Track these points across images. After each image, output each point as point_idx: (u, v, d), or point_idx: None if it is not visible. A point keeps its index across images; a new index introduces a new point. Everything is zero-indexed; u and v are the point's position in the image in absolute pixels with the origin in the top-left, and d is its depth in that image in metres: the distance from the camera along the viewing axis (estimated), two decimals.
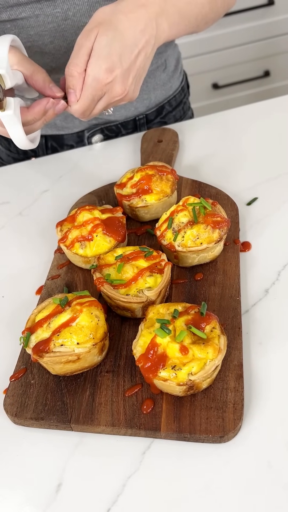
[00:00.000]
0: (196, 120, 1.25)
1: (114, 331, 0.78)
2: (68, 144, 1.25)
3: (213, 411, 0.66)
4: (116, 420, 0.67)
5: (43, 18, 1.00)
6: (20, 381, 0.73)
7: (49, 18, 1.00)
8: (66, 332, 0.69)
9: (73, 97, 0.84)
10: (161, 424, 0.65)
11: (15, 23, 1.00)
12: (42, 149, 1.28)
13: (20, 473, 0.65)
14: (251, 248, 0.88)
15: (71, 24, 1.02)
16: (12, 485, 0.64)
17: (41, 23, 1.00)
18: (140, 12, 0.84)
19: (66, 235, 0.86)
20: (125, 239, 0.88)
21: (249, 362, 0.72)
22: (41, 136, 1.24)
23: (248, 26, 2.35)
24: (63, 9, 0.99)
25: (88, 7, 1.00)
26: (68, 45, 1.05)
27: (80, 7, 1.00)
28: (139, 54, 0.85)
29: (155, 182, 0.92)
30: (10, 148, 1.31)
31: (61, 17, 1.00)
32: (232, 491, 0.60)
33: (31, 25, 1.00)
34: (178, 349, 0.65)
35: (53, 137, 1.24)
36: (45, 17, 1.00)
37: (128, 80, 0.85)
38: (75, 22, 1.02)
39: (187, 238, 0.81)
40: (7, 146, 1.32)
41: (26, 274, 0.92)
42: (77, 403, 0.69)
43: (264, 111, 1.22)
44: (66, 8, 0.99)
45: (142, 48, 0.85)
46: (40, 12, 0.99)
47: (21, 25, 1.00)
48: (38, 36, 1.02)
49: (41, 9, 0.99)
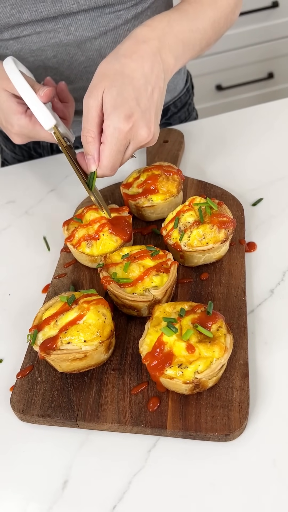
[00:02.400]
0: (201, 121, 1.26)
1: (120, 329, 0.78)
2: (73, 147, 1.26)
3: (218, 410, 0.66)
4: (122, 418, 0.67)
5: (45, 34, 0.99)
6: (26, 379, 0.73)
7: (50, 34, 0.99)
8: (73, 330, 0.69)
9: (92, 163, 0.80)
10: (167, 422, 0.66)
11: (18, 40, 0.99)
12: (47, 152, 1.28)
13: (26, 469, 0.66)
14: (257, 249, 0.89)
15: (74, 38, 1.01)
16: (19, 481, 0.65)
17: (43, 38, 0.99)
18: (143, 50, 0.80)
19: (73, 234, 0.87)
20: (131, 239, 0.88)
21: (254, 361, 0.73)
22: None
23: (252, 28, 2.36)
24: (64, 24, 0.98)
25: (90, 21, 0.99)
26: (71, 59, 1.05)
27: (82, 21, 0.99)
28: (153, 91, 0.80)
29: (161, 182, 0.92)
30: (15, 150, 1.32)
31: (63, 32, 0.99)
32: (238, 489, 0.61)
33: (33, 41, 1.00)
34: (185, 347, 0.65)
35: None
36: (47, 33, 0.99)
37: (151, 121, 0.80)
38: (77, 37, 1.01)
39: (193, 238, 0.82)
40: (12, 148, 1.32)
41: (33, 273, 0.92)
42: (84, 401, 0.70)
43: (269, 112, 1.23)
44: (67, 24, 0.98)
45: (155, 84, 0.80)
46: (41, 29, 0.98)
47: (23, 41, 1.00)
48: (41, 51, 1.02)
49: (42, 26, 0.98)
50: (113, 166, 0.81)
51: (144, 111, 0.78)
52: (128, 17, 1.03)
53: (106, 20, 1.00)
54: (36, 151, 1.29)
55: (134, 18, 1.03)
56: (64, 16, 0.97)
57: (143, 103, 0.78)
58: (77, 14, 0.97)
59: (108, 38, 1.04)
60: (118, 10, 1.00)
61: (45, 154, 1.28)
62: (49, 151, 1.28)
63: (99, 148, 0.79)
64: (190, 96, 1.40)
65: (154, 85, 0.80)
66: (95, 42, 1.03)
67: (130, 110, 0.77)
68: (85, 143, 0.80)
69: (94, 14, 0.98)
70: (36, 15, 0.95)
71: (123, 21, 1.02)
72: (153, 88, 0.80)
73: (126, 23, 1.03)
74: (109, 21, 1.01)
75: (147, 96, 0.79)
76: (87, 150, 0.80)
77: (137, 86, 0.78)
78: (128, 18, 1.03)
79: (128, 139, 0.79)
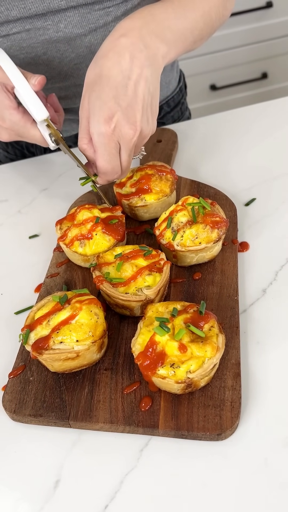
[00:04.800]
0: (194, 121, 1.26)
1: (113, 329, 0.78)
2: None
3: (210, 409, 0.66)
4: (115, 418, 0.67)
5: (35, 32, 0.99)
6: (18, 378, 0.73)
7: (40, 31, 0.99)
8: (66, 330, 0.69)
9: (94, 168, 0.85)
10: (159, 422, 0.66)
11: (7, 38, 0.99)
12: (40, 151, 1.28)
13: (18, 469, 0.66)
14: (249, 248, 0.89)
15: (63, 35, 1.00)
16: (10, 481, 0.65)
17: (32, 35, 0.99)
18: (119, 44, 0.78)
19: (66, 234, 0.87)
20: (124, 238, 0.88)
21: (246, 361, 0.73)
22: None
23: (246, 28, 2.36)
24: (54, 21, 0.98)
25: (80, 18, 0.99)
26: (61, 56, 1.04)
27: (71, 18, 0.98)
28: (137, 84, 0.78)
29: (155, 182, 0.92)
30: (7, 149, 1.31)
31: (53, 29, 0.99)
32: (229, 488, 0.61)
33: (23, 38, 0.99)
34: (177, 347, 0.65)
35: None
36: (36, 30, 0.98)
37: (135, 116, 0.78)
38: (67, 34, 1.00)
39: (186, 237, 0.82)
40: (5, 147, 1.32)
41: (25, 272, 0.92)
42: (76, 400, 0.70)
43: (262, 112, 1.23)
44: (57, 20, 0.98)
45: (138, 76, 0.78)
46: (30, 26, 0.98)
47: (12, 39, 0.99)
48: (31, 48, 1.01)
49: (32, 23, 0.97)
50: (112, 170, 0.81)
51: (126, 108, 0.77)
52: (118, 14, 1.02)
53: (95, 17, 1.00)
54: (29, 150, 1.28)
55: (124, 15, 1.03)
56: (53, 13, 0.96)
57: (123, 100, 0.77)
58: (66, 11, 0.97)
59: (98, 35, 1.03)
60: (107, 7, 1.00)
61: (38, 153, 1.28)
62: (42, 150, 1.27)
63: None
64: (183, 95, 1.40)
65: (137, 77, 0.78)
66: (85, 39, 1.03)
67: (109, 111, 0.76)
68: (82, 151, 0.83)
69: (83, 11, 0.98)
70: (24, 12, 0.94)
71: (113, 18, 1.02)
72: (136, 81, 0.78)
73: (116, 20, 1.02)
74: (99, 17, 1.01)
75: (127, 92, 0.77)
76: (87, 157, 0.84)
77: (114, 84, 0.77)
78: (117, 15, 1.02)
79: (115, 141, 0.79)
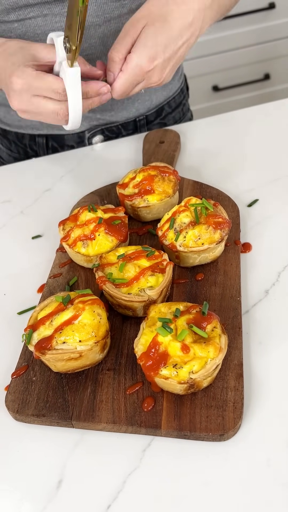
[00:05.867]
0: (197, 122, 1.26)
1: (116, 329, 0.78)
2: (68, 145, 1.26)
3: (213, 410, 0.66)
4: (117, 418, 0.67)
5: (51, 18, 1.01)
6: (21, 378, 0.73)
7: (56, 18, 1.01)
8: (69, 330, 0.69)
9: (112, 78, 0.88)
10: (161, 422, 0.66)
11: (23, 23, 1.01)
12: (42, 149, 1.28)
13: (21, 469, 0.66)
14: (252, 249, 0.89)
15: None
16: (13, 481, 0.65)
17: (48, 22, 1.01)
18: (191, 4, 0.89)
19: (69, 234, 0.87)
20: (127, 239, 0.88)
21: (249, 361, 0.73)
22: (41, 136, 1.24)
23: (248, 29, 2.36)
24: None
25: (96, 7, 1.02)
26: None
27: (88, 6, 1.00)
28: (182, 45, 0.89)
29: (157, 183, 0.93)
30: (11, 147, 1.32)
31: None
32: (232, 489, 0.61)
33: (38, 24, 1.01)
34: (180, 347, 0.66)
35: (54, 137, 1.25)
36: (53, 16, 1.01)
37: (166, 70, 0.89)
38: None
39: (189, 238, 0.82)
40: (8, 145, 1.32)
41: (28, 272, 0.92)
42: (78, 401, 0.70)
43: (264, 113, 1.23)
44: None
45: (187, 40, 0.89)
46: (48, 11, 1.00)
47: (28, 24, 1.01)
48: (45, 35, 1.02)
49: (50, 8, 1.00)
50: (123, 93, 0.89)
51: (166, 59, 0.88)
52: (132, 7, 1.06)
53: (111, 8, 1.04)
54: (32, 149, 1.29)
55: (138, 8, 1.05)
56: None
57: (168, 52, 0.87)
58: None
59: (112, 26, 1.06)
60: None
61: (41, 151, 1.28)
62: (45, 149, 1.27)
63: (119, 71, 0.87)
64: (185, 96, 1.40)
65: (186, 40, 0.89)
66: (99, 29, 1.06)
67: (156, 53, 0.86)
68: (110, 60, 0.88)
69: (101, 1, 1.02)
70: None
71: (127, 10, 1.06)
72: (184, 43, 0.89)
73: (130, 12, 1.06)
74: (114, 9, 1.04)
75: (175, 47, 0.88)
76: (111, 67, 0.88)
77: (171, 35, 0.87)
78: (132, 8, 1.06)
79: (143, 77, 0.88)
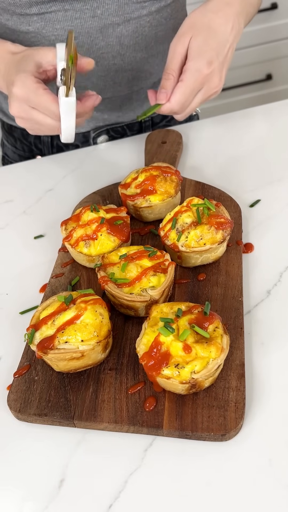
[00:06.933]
0: (199, 122, 1.26)
1: (117, 329, 0.79)
2: (73, 144, 1.26)
3: (215, 410, 0.66)
4: (119, 417, 0.67)
5: (72, 14, 1.03)
6: (23, 378, 0.74)
7: (77, 14, 1.03)
8: (71, 330, 0.69)
9: (164, 96, 0.90)
10: (163, 422, 0.66)
11: (43, 17, 1.02)
12: (47, 148, 1.28)
13: (23, 468, 0.66)
14: (254, 250, 0.89)
15: (98, 21, 1.04)
16: (15, 480, 0.65)
17: (68, 18, 1.03)
18: (227, 10, 0.93)
19: (71, 234, 0.87)
20: (129, 239, 0.89)
21: (250, 361, 0.73)
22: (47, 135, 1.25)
23: (251, 30, 2.36)
24: (92, 6, 1.02)
25: (117, 7, 1.04)
26: (91, 42, 1.06)
27: (109, 6, 1.03)
28: (230, 48, 0.93)
29: (160, 183, 0.93)
30: (16, 145, 1.32)
31: (89, 14, 1.03)
32: (233, 489, 0.61)
33: (58, 19, 1.03)
34: (182, 347, 0.66)
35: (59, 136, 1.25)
36: (74, 12, 1.03)
37: (223, 72, 0.93)
38: (102, 20, 1.04)
39: (191, 238, 0.82)
40: (13, 143, 1.32)
41: (30, 272, 0.93)
42: (80, 400, 0.70)
43: (267, 114, 1.23)
44: (95, 6, 1.02)
45: (232, 43, 0.93)
46: (69, 7, 1.02)
47: (48, 18, 1.02)
48: (63, 31, 1.05)
49: (71, 4, 1.02)
50: (184, 103, 0.91)
51: (221, 62, 0.92)
52: (152, 10, 1.09)
53: (131, 9, 1.06)
54: (36, 147, 1.29)
55: (156, 12, 1.10)
56: None
57: (221, 55, 0.92)
58: None
59: (130, 27, 1.08)
60: (144, 1, 1.06)
61: (45, 150, 1.29)
62: (50, 148, 1.28)
63: (174, 87, 0.90)
64: None
65: (232, 43, 0.94)
66: (117, 28, 1.07)
67: (211, 58, 0.89)
68: (165, 80, 0.90)
69: (122, 1, 1.04)
70: None
71: (147, 12, 1.08)
72: (230, 46, 0.93)
73: (149, 15, 1.09)
74: (134, 10, 1.06)
75: (225, 51, 0.92)
76: (164, 85, 0.90)
77: (219, 40, 0.91)
78: (151, 10, 1.09)
79: (203, 82, 0.91)
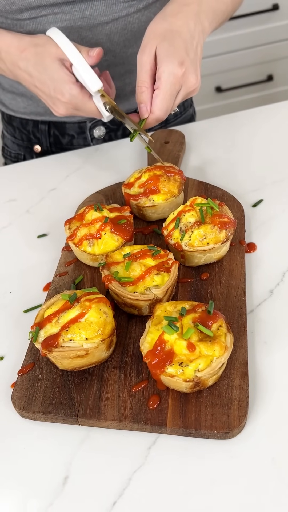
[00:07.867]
0: (202, 123, 1.27)
1: (121, 328, 0.79)
2: (69, 134, 1.26)
3: (218, 408, 0.67)
4: (123, 415, 0.68)
5: (61, 16, 1.04)
6: (28, 376, 0.74)
7: (66, 16, 1.04)
8: (75, 328, 0.70)
9: (144, 110, 0.89)
10: (167, 420, 0.67)
11: (34, 20, 1.04)
12: (45, 136, 1.28)
13: (27, 465, 0.66)
14: (256, 249, 0.90)
15: (87, 22, 1.06)
16: (20, 477, 0.65)
17: (58, 20, 1.04)
18: (186, 10, 0.92)
19: (75, 233, 0.88)
20: (133, 238, 0.89)
21: (254, 360, 0.73)
22: (44, 122, 1.26)
23: (252, 31, 2.37)
24: (81, 8, 1.04)
25: (105, 8, 1.05)
26: (82, 41, 1.08)
27: (97, 7, 1.05)
28: (198, 45, 0.92)
29: (163, 183, 0.93)
30: (15, 134, 1.33)
31: (79, 15, 1.04)
32: (237, 487, 0.61)
33: (48, 21, 1.04)
34: (185, 346, 0.66)
35: (56, 124, 1.26)
36: (63, 15, 1.04)
37: (197, 69, 0.90)
38: (91, 20, 1.06)
39: (194, 238, 0.82)
40: (13, 132, 1.33)
41: (34, 271, 0.93)
42: (84, 398, 0.70)
43: (269, 115, 1.24)
44: (83, 8, 1.04)
45: (198, 39, 0.92)
46: (59, 10, 1.03)
47: (39, 21, 1.04)
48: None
49: (61, 8, 1.03)
50: (167, 109, 0.89)
51: (193, 60, 0.89)
52: (140, 7, 1.10)
53: (119, 8, 1.07)
54: (34, 135, 1.29)
55: (144, 9, 1.11)
56: (82, 0, 1.03)
57: (191, 53, 0.89)
58: (94, 0, 1.04)
59: (119, 24, 1.09)
60: (131, 0, 1.07)
61: (43, 138, 1.28)
62: (47, 137, 1.28)
63: (151, 97, 0.88)
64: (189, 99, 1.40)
65: (198, 40, 0.92)
66: (106, 26, 1.09)
67: (181, 58, 0.87)
68: (139, 93, 0.89)
69: (109, 2, 1.05)
70: None
71: (135, 10, 1.09)
72: (197, 43, 0.92)
73: (137, 12, 1.10)
74: (122, 9, 1.07)
75: (193, 48, 0.90)
76: (140, 99, 0.89)
77: (185, 39, 0.89)
78: (139, 8, 1.10)
79: (180, 84, 0.88)
